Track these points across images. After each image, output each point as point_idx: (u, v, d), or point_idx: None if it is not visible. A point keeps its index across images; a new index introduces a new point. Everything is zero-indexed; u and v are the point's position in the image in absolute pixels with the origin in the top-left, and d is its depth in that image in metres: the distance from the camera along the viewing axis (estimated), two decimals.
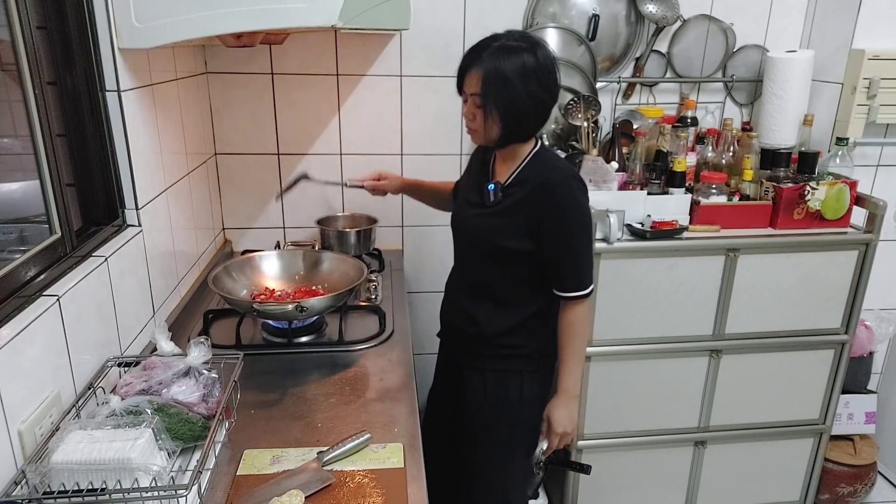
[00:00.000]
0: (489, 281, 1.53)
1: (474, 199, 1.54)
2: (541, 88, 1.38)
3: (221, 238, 2.17)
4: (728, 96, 2.29)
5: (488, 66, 1.36)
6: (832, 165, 2.03)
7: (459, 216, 1.60)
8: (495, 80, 1.36)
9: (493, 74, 1.36)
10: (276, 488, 1.05)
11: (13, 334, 0.97)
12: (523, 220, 1.44)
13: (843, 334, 2.06)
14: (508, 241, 1.46)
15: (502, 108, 1.38)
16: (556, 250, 1.45)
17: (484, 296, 1.55)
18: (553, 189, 1.42)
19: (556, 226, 1.43)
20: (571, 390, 1.54)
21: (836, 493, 2.31)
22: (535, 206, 1.43)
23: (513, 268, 1.50)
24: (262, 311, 1.47)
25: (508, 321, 1.53)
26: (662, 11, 2.12)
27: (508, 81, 1.35)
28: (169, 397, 1.13)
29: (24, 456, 0.99)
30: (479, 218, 1.50)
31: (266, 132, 2.10)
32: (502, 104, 1.38)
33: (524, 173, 1.47)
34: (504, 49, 1.36)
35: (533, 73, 1.36)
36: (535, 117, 1.43)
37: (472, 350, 1.59)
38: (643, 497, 2.18)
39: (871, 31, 2.05)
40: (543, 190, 1.42)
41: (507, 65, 1.35)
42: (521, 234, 1.45)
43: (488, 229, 1.49)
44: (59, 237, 1.20)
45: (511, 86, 1.35)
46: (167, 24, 1.30)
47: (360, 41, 2.05)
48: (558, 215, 1.43)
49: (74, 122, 1.33)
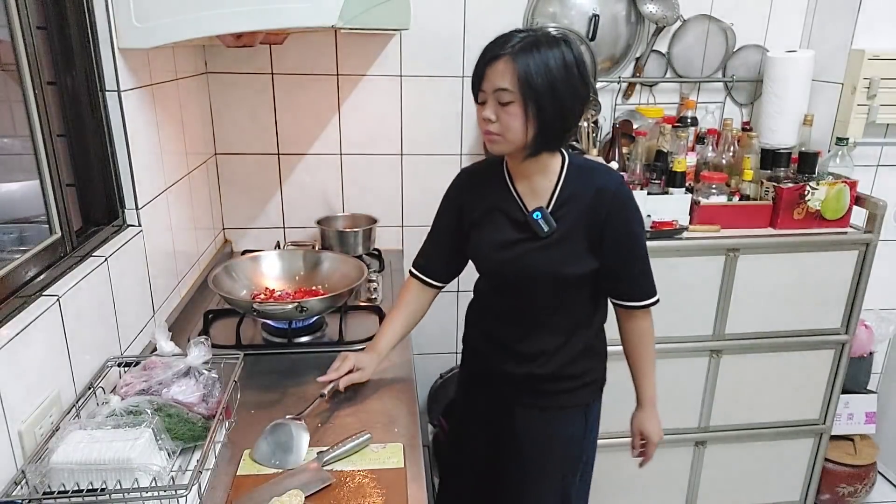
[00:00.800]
0: (548, 315, 1.39)
1: (512, 236, 1.34)
2: (582, 84, 1.25)
3: (221, 238, 2.17)
4: (728, 96, 2.29)
5: (526, 56, 1.19)
6: (832, 165, 2.03)
7: (498, 260, 1.36)
8: (537, 72, 1.19)
9: (534, 66, 1.19)
10: (276, 488, 1.05)
11: (13, 334, 0.98)
12: (584, 238, 1.31)
13: (843, 334, 2.06)
14: (576, 268, 1.33)
15: (544, 105, 1.20)
16: (625, 259, 1.35)
17: (543, 331, 1.40)
18: (614, 196, 1.30)
19: (622, 233, 1.32)
20: (655, 399, 1.53)
21: (836, 493, 2.31)
22: (595, 220, 1.30)
23: (574, 295, 1.39)
24: (262, 311, 1.47)
25: (572, 350, 1.42)
26: (662, 11, 2.12)
27: (551, 74, 1.19)
28: (169, 397, 1.13)
29: (24, 456, 0.99)
30: (535, 254, 1.32)
31: (266, 132, 2.10)
32: (544, 100, 1.20)
33: (568, 189, 1.31)
34: (540, 41, 1.21)
35: (575, 66, 1.22)
36: (575, 117, 1.29)
37: (526, 387, 1.45)
38: (643, 497, 2.18)
39: (871, 31, 2.05)
40: (603, 199, 1.30)
41: (549, 56, 1.19)
42: (585, 256, 1.32)
43: (551, 264, 1.32)
44: (59, 237, 1.20)
45: (555, 78, 1.19)
46: (167, 24, 1.30)
47: (360, 41, 2.05)
48: (623, 222, 1.32)
49: (74, 122, 1.33)
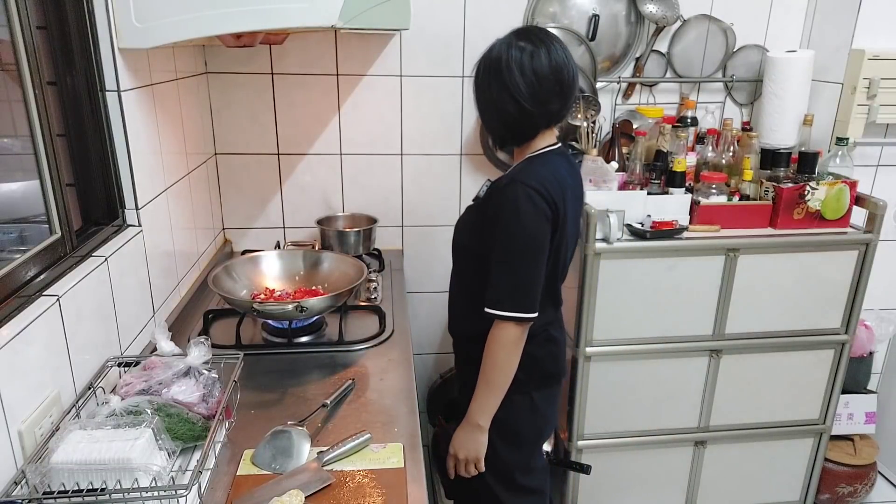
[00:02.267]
0: (461, 281, 1.53)
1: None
2: (507, 97, 1.30)
3: (221, 238, 2.17)
4: (728, 96, 2.29)
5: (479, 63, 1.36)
6: (832, 165, 2.03)
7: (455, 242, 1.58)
8: (474, 76, 1.36)
9: (475, 70, 1.36)
10: (276, 488, 1.05)
11: (13, 334, 0.98)
12: (480, 221, 1.40)
13: (843, 334, 2.06)
14: (462, 237, 1.47)
15: (478, 108, 1.39)
16: (490, 258, 1.35)
17: (462, 299, 1.54)
18: (497, 197, 1.35)
19: (491, 233, 1.34)
20: (474, 418, 1.41)
21: (836, 493, 2.31)
22: (484, 210, 1.39)
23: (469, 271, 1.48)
24: (262, 311, 1.47)
25: (476, 325, 1.39)
26: (662, 11, 2.12)
27: (477, 80, 1.35)
28: (169, 397, 1.13)
29: (24, 456, 0.99)
30: (465, 213, 1.51)
31: (266, 132, 2.10)
32: (477, 104, 1.38)
33: (509, 175, 1.39)
34: (498, 44, 1.33)
35: (498, 79, 1.30)
36: (499, 125, 1.38)
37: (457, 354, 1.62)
38: (643, 497, 2.18)
39: (871, 31, 2.05)
40: (491, 195, 1.39)
41: (483, 62, 1.34)
42: (474, 234, 1.42)
43: (459, 225, 1.50)
44: (59, 237, 1.20)
45: (478, 86, 1.35)
46: (167, 24, 1.30)
47: (360, 41, 2.05)
48: (494, 222, 1.34)
49: (74, 122, 1.33)
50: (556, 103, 1.34)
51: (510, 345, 1.35)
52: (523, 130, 1.38)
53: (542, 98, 1.31)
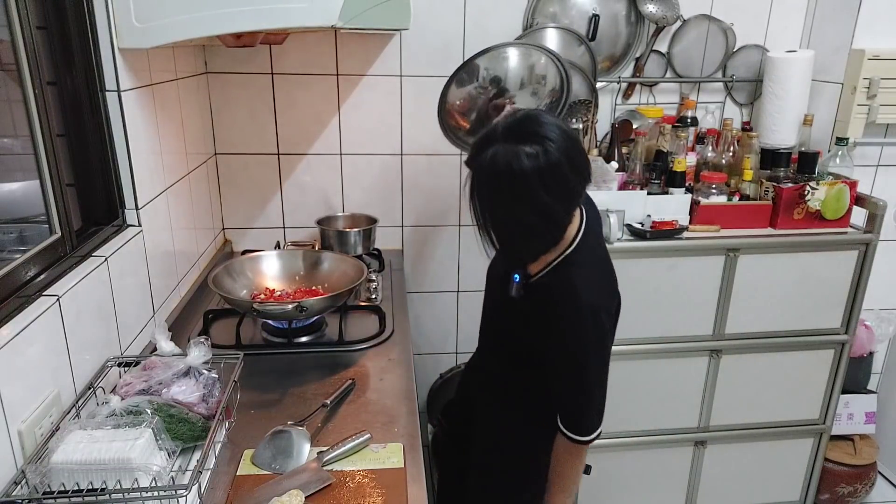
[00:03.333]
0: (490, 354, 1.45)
1: (503, 277, 1.32)
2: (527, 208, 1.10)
3: (221, 238, 2.17)
4: (728, 96, 2.29)
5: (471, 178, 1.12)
6: (832, 165, 2.03)
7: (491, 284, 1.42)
8: (472, 196, 1.13)
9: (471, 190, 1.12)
10: (276, 488, 1.05)
11: (13, 334, 0.98)
12: (535, 333, 1.26)
13: (843, 334, 2.06)
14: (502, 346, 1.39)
15: (485, 231, 1.16)
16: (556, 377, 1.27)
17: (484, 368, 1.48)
18: (560, 311, 1.20)
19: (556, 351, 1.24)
20: None
21: (836, 493, 2.30)
22: (541, 323, 1.23)
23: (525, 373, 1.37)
24: (262, 311, 1.47)
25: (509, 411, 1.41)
26: (662, 11, 2.12)
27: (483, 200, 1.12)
28: (169, 397, 1.13)
29: (24, 456, 0.99)
30: (495, 307, 1.40)
31: (266, 132, 2.10)
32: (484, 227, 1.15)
33: (548, 277, 1.23)
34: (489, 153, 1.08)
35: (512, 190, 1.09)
36: (525, 242, 1.18)
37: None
38: (643, 497, 2.18)
39: (871, 31, 2.05)
40: (549, 309, 1.21)
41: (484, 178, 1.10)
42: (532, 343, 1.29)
43: (494, 323, 1.40)
44: (59, 237, 1.20)
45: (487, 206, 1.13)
46: (167, 24, 1.30)
47: (360, 41, 2.05)
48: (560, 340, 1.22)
49: (74, 122, 1.33)
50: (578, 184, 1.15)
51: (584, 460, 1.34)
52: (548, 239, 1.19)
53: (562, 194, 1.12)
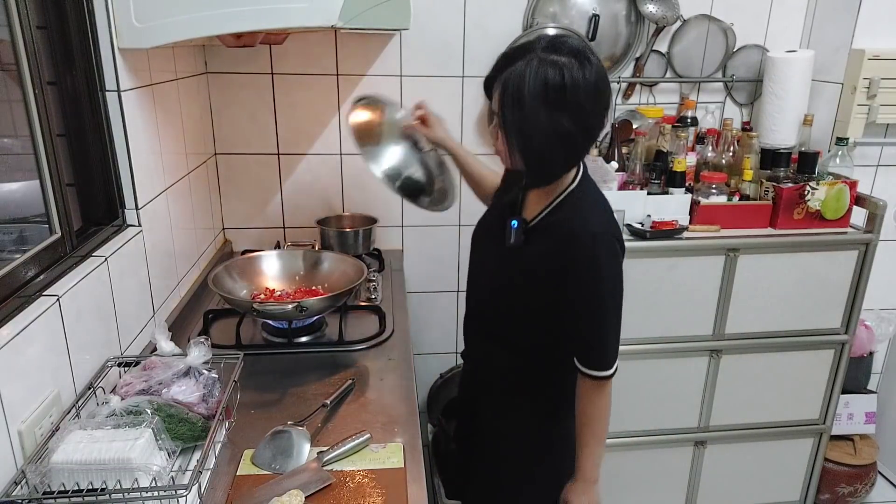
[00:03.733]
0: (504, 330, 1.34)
1: (494, 229, 1.31)
2: (571, 120, 1.11)
3: (221, 238, 2.17)
4: (728, 96, 2.29)
5: (508, 83, 1.10)
6: (832, 165, 2.03)
7: (479, 244, 1.38)
8: (511, 103, 1.11)
9: (510, 96, 1.10)
10: (276, 488, 1.05)
11: (13, 334, 0.98)
12: (545, 274, 1.22)
13: (843, 334, 2.06)
14: (516, 291, 1.27)
15: (519, 140, 1.13)
16: (579, 316, 1.23)
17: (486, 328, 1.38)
18: (584, 245, 1.18)
19: (581, 287, 1.20)
20: (593, 476, 1.33)
21: (836, 493, 2.31)
22: (560, 261, 1.20)
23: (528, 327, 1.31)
24: (262, 311, 1.47)
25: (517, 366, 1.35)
26: (662, 11, 2.12)
27: (525, 107, 1.09)
28: (169, 397, 1.13)
29: (24, 456, 0.99)
30: (495, 258, 1.31)
31: (266, 132, 2.10)
32: (519, 135, 1.13)
33: (555, 215, 1.23)
34: (535, 62, 1.09)
35: (560, 100, 1.09)
36: (560, 155, 1.17)
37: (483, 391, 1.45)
38: (643, 497, 2.18)
39: (871, 31, 2.05)
40: (572, 244, 1.19)
41: (530, 84, 1.08)
42: (533, 286, 1.24)
43: (501, 273, 1.29)
44: (59, 237, 1.20)
45: (528, 113, 1.10)
46: (167, 24, 1.30)
47: (360, 41, 2.05)
48: (585, 276, 1.19)
49: (74, 122, 1.33)
50: (604, 118, 1.17)
51: (610, 397, 1.33)
52: (566, 167, 1.21)
53: (599, 115, 1.15)
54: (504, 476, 1.43)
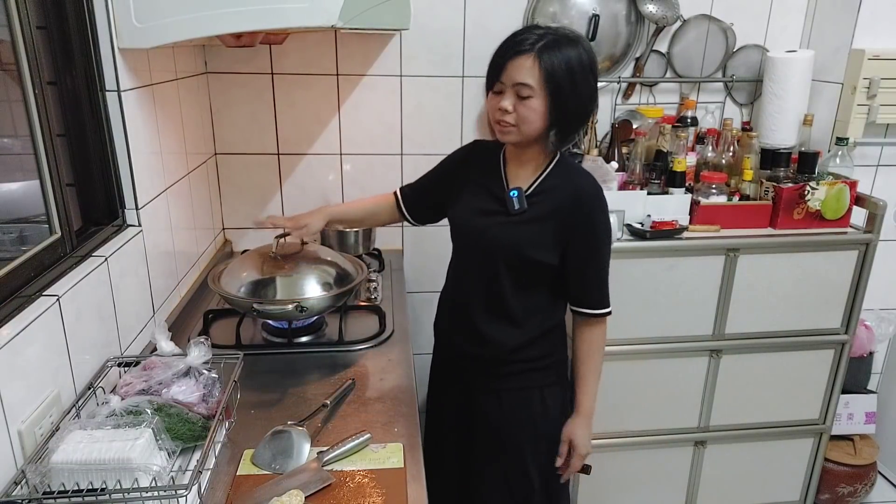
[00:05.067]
0: (506, 296, 1.43)
1: (489, 206, 1.43)
2: (595, 86, 1.34)
3: (221, 238, 2.17)
4: (728, 96, 2.29)
5: (551, 55, 1.26)
6: (832, 165, 2.03)
7: (470, 225, 1.46)
8: (560, 70, 1.26)
9: (558, 64, 1.26)
10: (276, 488, 1.05)
11: (13, 334, 0.98)
12: (552, 230, 1.38)
13: (843, 334, 2.06)
14: (536, 252, 1.38)
15: (560, 103, 1.29)
16: (585, 263, 1.41)
17: (499, 312, 1.45)
18: (591, 200, 1.38)
19: (588, 238, 1.39)
20: (592, 410, 1.50)
21: (836, 493, 2.31)
22: (566, 218, 1.37)
23: (534, 281, 1.43)
24: (262, 311, 1.47)
25: (525, 336, 1.46)
26: (662, 11, 2.12)
27: (574, 74, 1.27)
28: (169, 397, 1.13)
29: (24, 456, 0.99)
30: (503, 227, 1.40)
31: (266, 132, 2.10)
32: (565, 98, 1.28)
33: (549, 181, 1.40)
34: (560, 40, 1.28)
35: (591, 69, 1.30)
36: (585, 117, 1.37)
37: (484, 371, 1.50)
38: (643, 497, 2.18)
39: (871, 31, 2.05)
40: (579, 200, 1.37)
41: (571, 55, 1.27)
42: (548, 245, 1.39)
43: (515, 239, 1.39)
44: (59, 237, 1.20)
45: (577, 78, 1.27)
46: (167, 24, 1.30)
47: (360, 41, 2.05)
48: (592, 228, 1.39)
49: (74, 122, 1.33)
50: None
51: (605, 336, 1.50)
52: (580, 129, 1.45)
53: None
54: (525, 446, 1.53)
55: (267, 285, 1.49)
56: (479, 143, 1.57)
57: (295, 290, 1.49)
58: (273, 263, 1.53)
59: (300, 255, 1.56)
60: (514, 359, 1.47)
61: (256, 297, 1.47)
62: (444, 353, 1.62)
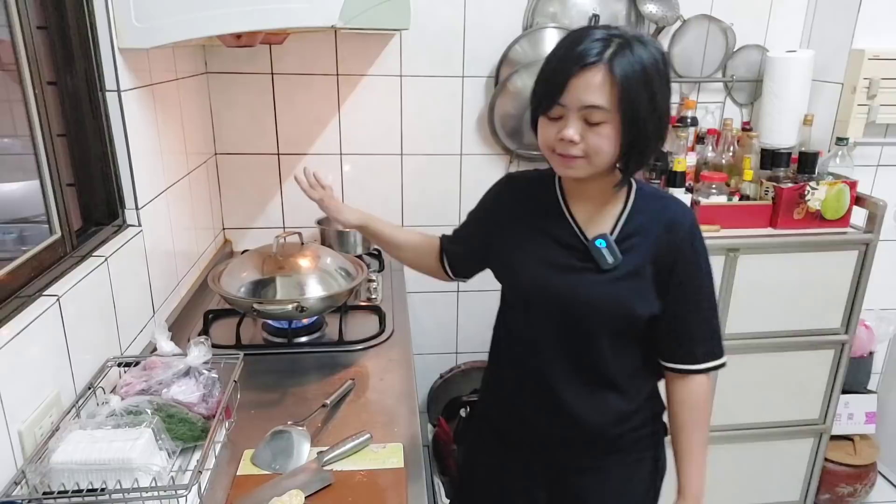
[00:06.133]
0: (605, 362, 1.16)
1: (564, 260, 1.15)
2: (670, 94, 1.08)
3: (221, 238, 2.17)
4: (728, 96, 2.29)
5: (624, 65, 0.99)
6: (832, 165, 2.03)
7: (546, 284, 1.15)
8: (635, 84, 1.00)
9: (633, 76, 1.00)
10: (276, 488, 1.05)
11: (13, 334, 0.98)
12: (651, 276, 1.13)
13: (843, 334, 2.06)
14: (643, 307, 1.13)
15: (637, 124, 1.02)
16: (689, 310, 1.15)
17: (596, 382, 1.18)
18: (686, 235, 1.13)
19: (691, 280, 1.14)
20: (702, 491, 1.20)
21: (836, 493, 2.30)
22: (663, 259, 1.12)
23: (634, 339, 1.17)
24: (262, 311, 1.47)
25: (631, 405, 1.21)
26: (662, 11, 2.12)
27: (651, 84, 1.01)
28: (169, 397, 1.13)
29: (24, 456, 0.99)
30: (599, 286, 1.12)
31: (266, 132, 2.10)
32: (639, 117, 1.02)
33: (638, 218, 1.14)
34: (630, 41, 1.01)
35: (666, 73, 1.05)
36: (663, 135, 1.10)
37: (582, 452, 1.24)
38: None
39: (871, 31, 2.05)
40: (675, 236, 1.13)
41: (646, 59, 1.00)
42: (652, 296, 1.14)
43: (617, 298, 1.12)
44: (59, 237, 1.20)
45: (653, 90, 1.02)
46: (167, 24, 1.30)
47: (360, 41, 2.05)
48: (695, 268, 1.14)
49: (74, 122, 1.33)
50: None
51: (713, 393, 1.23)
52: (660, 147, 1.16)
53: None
54: None
55: (267, 285, 1.49)
56: (512, 178, 1.29)
57: (295, 290, 1.49)
58: (273, 263, 1.53)
59: (300, 255, 1.56)
60: (619, 431, 1.21)
61: (256, 297, 1.48)
62: (510, 425, 1.30)
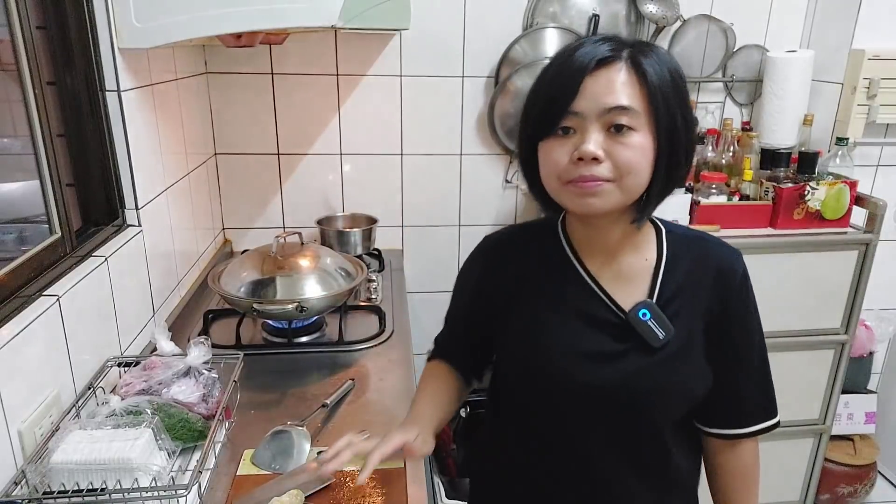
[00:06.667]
0: (670, 457, 1.00)
1: (600, 344, 0.93)
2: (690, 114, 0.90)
3: (221, 238, 2.17)
4: (728, 96, 2.29)
5: (650, 61, 0.83)
6: (832, 165, 2.03)
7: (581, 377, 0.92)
8: (665, 83, 0.84)
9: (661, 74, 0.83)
10: (276, 488, 1.05)
11: (13, 334, 0.98)
12: (702, 342, 0.94)
13: (843, 334, 2.06)
14: (704, 384, 0.95)
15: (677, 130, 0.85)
16: (742, 367, 0.98)
17: (656, 474, 1.01)
18: (738, 285, 0.95)
19: (747, 333, 0.96)
20: None
21: (836, 493, 2.30)
22: (715, 315, 0.94)
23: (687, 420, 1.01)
24: (262, 311, 1.47)
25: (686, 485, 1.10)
26: (662, 11, 2.12)
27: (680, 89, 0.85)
28: (169, 397, 1.13)
29: (24, 456, 0.99)
30: (653, 372, 0.91)
31: (266, 132, 2.10)
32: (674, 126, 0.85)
33: (678, 270, 0.94)
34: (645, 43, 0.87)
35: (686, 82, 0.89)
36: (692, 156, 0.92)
37: None
38: None
39: (871, 31, 2.05)
40: (727, 286, 0.94)
41: (670, 61, 0.86)
42: (704, 363, 0.95)
43: (679, 383, 0.93)
44: (59, 237, 1.20)
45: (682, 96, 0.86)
46: (167, 24, 1.30)
47: (360, 41, 2.05)
48: (748, 318, 0.96)
49: (74, 122, 1.33)
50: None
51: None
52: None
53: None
54: None
55: (267, 285, 1.49)
56: (491, 240, 1.07)
57: (295, 290, 1.49)
58: (273, 263, 1.53)
59: (300, 255, 1.56)
60: None
61: (256, 296, 1.48)
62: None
